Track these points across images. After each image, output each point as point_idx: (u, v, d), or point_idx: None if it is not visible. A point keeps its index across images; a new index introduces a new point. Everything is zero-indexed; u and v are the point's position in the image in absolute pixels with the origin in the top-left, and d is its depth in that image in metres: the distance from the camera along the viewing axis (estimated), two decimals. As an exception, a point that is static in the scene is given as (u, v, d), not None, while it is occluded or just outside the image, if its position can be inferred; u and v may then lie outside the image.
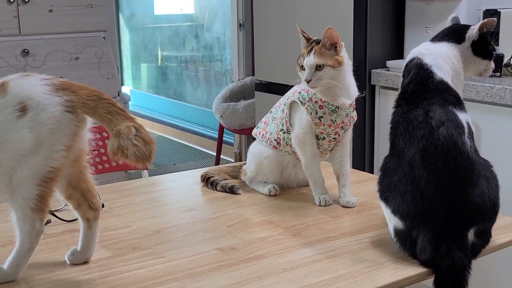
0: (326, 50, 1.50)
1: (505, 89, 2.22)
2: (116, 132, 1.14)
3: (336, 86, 1.52)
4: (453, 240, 1.21)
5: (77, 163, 1.23)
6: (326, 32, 1.49)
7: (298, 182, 1.72)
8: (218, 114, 4.18)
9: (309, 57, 1.50)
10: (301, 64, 1.52)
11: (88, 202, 1.25)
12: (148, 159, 1.15)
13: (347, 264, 1.25)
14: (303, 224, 1.47)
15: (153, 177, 2.04)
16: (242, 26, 4.48)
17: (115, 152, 1.14)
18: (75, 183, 1.24)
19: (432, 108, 1.26)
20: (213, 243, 1.37)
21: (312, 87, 1.51)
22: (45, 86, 1.16)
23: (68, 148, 1.16)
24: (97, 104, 1.16)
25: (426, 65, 1.33)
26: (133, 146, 1.13)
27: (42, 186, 1.14)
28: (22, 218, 1.16)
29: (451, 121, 1.24)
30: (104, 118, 1.16)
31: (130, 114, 1.18)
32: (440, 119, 1.24)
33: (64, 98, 1.15)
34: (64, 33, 3.48)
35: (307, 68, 1.50)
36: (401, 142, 1.28)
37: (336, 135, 1.60)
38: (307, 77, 1.50)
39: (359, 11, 2.78)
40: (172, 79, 6.54)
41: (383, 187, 1.30)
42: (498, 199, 1.27)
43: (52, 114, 1.13)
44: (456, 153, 1.22)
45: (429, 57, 1.34)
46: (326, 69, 1.49)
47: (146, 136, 1.16)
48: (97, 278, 1.21)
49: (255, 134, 1.73)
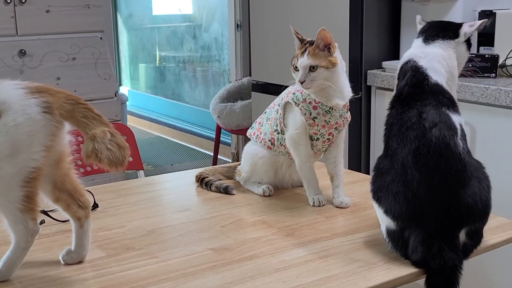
0: (319, 51, 1.50)
1: (500, 90, 2.22)
2: (91, 136, 1.15)
3: (329, 87, 1.52)
4: (444, 240, 1.22)
5: (59, 165, 1.23)
6: (320, 33, 1.50)
7: (292, 182, 1.73)
8: (216, 115, 4.18)
9: (303, 58, 1.51)
10: (295, 65, 1.53)
11: (76, 201, 1.25)
12: (121, 164, 1.16)
13: (339, 264, 1.26)
14: (297, 224, 1.48)
15: (149, 177, 2.04)
16: (239, 27, 4.49)
17: (88, 155, 1.15)
18: (60, 185, 1.24)
19: (425, 110, 1.27)
20: (207, 243, 1.37)
21: (306, 88, 1.52)
22: (19, 90, 1.16)
23: (48, 148, 1.16)
24: (74, 108, 1.17)
25: (422, 67, 1.33)
26: (107, 151, 1.14)
27: (26, 186, 1.14)
28: (13, 221, 1.16)
29: (444, 123, 1.25)
30: (80, 122, 1.16)
31: (106, 120, 1.19)
32: (433, 120, 1.25)
33: (40, 100, 1.15)
34: (61, 34, 3.48)
35: (300, 69, 1.51)
36: (394, 143, 1.29)
37: (330, 135, 1.60)
38: (300, 78, 1.50)
39: (355, 11, 2.79)
40: (170, 80, 6.55)
41: (376, 187, 1.30)
42: (490, 200, 1.28)
43: (28, 116, 1.13)
44: (448, 154, 1.23)
45: (424, 60, 1.35)
46: (320, 70, 1.50)
47: (121, 142, 1.17)
48: (91, 278, 1.21)
49: (250, 135, 1.74)
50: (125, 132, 2.34)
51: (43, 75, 3.40)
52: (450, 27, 1.42)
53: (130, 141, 2.33)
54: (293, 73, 1.55)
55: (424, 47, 1.40)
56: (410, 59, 1.37)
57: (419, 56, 1.36)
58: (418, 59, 1.36)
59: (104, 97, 3.58)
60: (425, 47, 1.40)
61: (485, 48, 2.59)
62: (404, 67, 1.37)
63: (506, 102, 2.20)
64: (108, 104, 3.59)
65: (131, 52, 7.15)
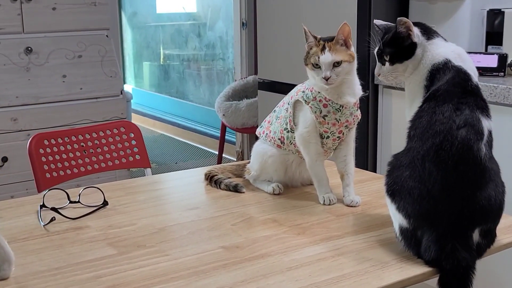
0: (339, 46, 1.51)
1: (509, 89, 2.22)
2: None
3: (343, 83, 1.52)
4: (458, 240, 1.21)
5: None
6: (343, 28, 1.50)
7: (302, 181, 1.72)
8: (221, 113, 4.18)
9: (325, 54, 1.50)
10: (315, 63, 1.52)
11: None
12: None
13: (352, 263, 1.25)
14: (308, 222, 1.47)
15: (157, 175, 2.04)
16: (245, 25, 4.48)
17: None
18: None
19: (461, 107, 1.25)
20: (218, 241, 1.37)
21: (330, 84, 1.51)
22: None
23: None
24: None
25: (462, 68, 1.31)
26: None
27: None
28: None
29: (473, 126, 1.23)
30: None
31: None
32: (464, 120, 1.23)
33: None
34: (67, 31, 3.48)
35: (324, 66, 1.49)
36: (419, 134, 1.26)
37: (340, 134, 1.60)
38: (326, 74, 1.49)
39: (362, 10, 2.78)
40: (174, 78, 6.54)
41: (391, 181, 1.28)
42: (503, 204, 1.27)
43: None
44: (469, 157, 1.21)
45: (459, 60, 1.32)
46: (344, 65, 1.50)
47: None
48: (102, 276, 1.21)
49: (259, 133, 1.73)
50: (132, 129, 2.34)
51: (49, 72, 3.40)
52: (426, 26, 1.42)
53: (137, 139, 2.33)
54: (312, 71, 1.53)
55: (448, 46, 1.38)
56: (446, 59, 1.33)
57: (453, 57, 1.33)
58: (453, 59, 1.32)
59: (110, 95, 3.58)
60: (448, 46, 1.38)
61: (493, 47, 2.59)
62: (438, 68, 1.33)
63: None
64: (114, 102, 3.59)
65: (135, 50, 7.15)
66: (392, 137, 2.75)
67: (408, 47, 1.37)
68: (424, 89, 1.33)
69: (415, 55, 1.37)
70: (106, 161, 2.27)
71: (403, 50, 1.37)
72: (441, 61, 1.33)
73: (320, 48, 1.51)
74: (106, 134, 2.29)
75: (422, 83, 1.34)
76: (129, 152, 2.31)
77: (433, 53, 1.36)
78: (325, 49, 1.50)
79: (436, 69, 1.33)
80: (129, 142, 2.32)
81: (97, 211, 1.56)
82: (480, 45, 2.65)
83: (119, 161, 2.29)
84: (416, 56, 1.37)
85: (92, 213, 1.54)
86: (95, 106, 3.52)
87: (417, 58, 1.37)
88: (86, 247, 1.34)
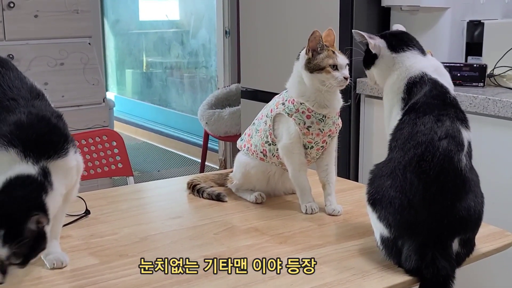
0: None
1: (488, 99, 2.24)
2: None
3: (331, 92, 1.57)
4: (438, 249, 1.22)
5: None
6: (333, 34, 1.58)
7: (285, 190, 1.73)
8: (204, 121, 4.18)
9: (342, 56, 1.56)
10: (334, 64, 1.54)
11: None
12: None
13: (333, 272, 1.26)
14: (290, 231, 1.48)
15: (139, 184, 2.04)
16: (228, 33, 4.49)
17: None
18: None
19: (442, 119, 1.27)
20: (200, 251, 1.37)
21: (346, 84, 1.55)
22: None
23: None
24: None
25: (439, 81, 1.34)
26: None
27: None
28: None
29: (454, 138, 1.26)
30: None
31: None
32: (445, 131, 1.26)
33: None
34: (49, 39, 3.47)
35: (344, 67, 1.55)
36: (400, 145, 1.28)
37: (324, 143, 1.61)
38: (348, 74, 1.55)
39: (344, 20, 2.80)
40: (157, 85, 6.53)
41: (373, 190, 1.30)
42: (482, 214, 1.29)
43: None
44: (450, 168, 1.23)
45: (436, 74, 1.36)
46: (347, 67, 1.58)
47: None
48: (84, 286, 1.20)
49: (240, 147, 1.74)
50: (114, 138, 2.33)
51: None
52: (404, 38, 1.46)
53: (120, 147, 2.32)
54: (330, 73, 1.54)
55: (425, 60, 1.41)
56: (422, 72, 1.36)
57: (430, 70, 1.36)
58: (430, 72, 1.35)
59: (92, 103, 3.57)
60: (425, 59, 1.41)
61: (473, 58, 2.62)
62: (415, 81, 1.36)
63: (494, 112, 2.23)
64: (96, 109, 3.58)
65: (118, 58, 7.12)
66: (374, 146, 2.77)
67: (370, 56, 1.45)
68: (401, 101, 1.36)
69: (376, 65, 1.44)
70: (88, 169, 2.26)
71: (367, 58, 1.47)
72: (417, 74, 1.36)
73: (329, 51, 1.54)
74: (88, 143, 2.28)
75: (399, 95, 1.37)
76: (112, 161, 2.30)
77: (407, 65, 1.39)
78: (334, 52, 1.55)
79: (412, 82, 1.36)
80: (112, 151, 2.31)
81: (78, 220, 1.55)
82: (460, 56, 2.68)
83: (101, 169, 2.28)
84: (379, 66, 1.44)
85: (73, 222, 1.53)
86: (77, 114, 3.50)
87: (381, 68, 1.43)
88: (68, 256, 1.33)
